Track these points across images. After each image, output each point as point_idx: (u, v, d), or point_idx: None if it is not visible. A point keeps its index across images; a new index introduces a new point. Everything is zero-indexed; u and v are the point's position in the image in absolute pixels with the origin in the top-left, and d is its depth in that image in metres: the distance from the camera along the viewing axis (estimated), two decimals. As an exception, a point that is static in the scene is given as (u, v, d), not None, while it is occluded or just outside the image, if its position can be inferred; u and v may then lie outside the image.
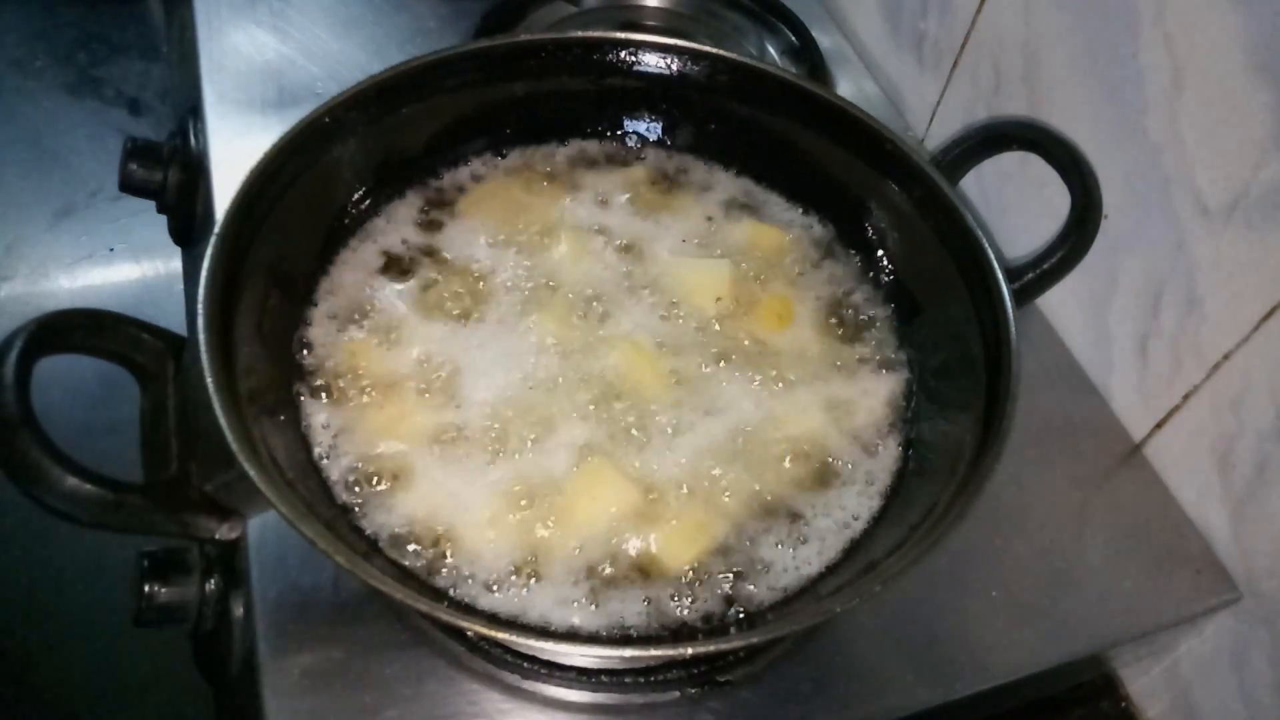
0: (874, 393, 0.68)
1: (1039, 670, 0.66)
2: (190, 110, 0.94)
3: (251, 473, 0.49)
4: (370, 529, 0.59)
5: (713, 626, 0.58)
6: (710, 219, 0.76)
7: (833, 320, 0.72)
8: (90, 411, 1.10)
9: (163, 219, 0.96)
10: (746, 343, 0.69)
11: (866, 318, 0.72)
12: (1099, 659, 0.74)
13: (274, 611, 0.62)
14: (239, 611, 0.64)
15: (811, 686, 0.63)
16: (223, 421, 0.50)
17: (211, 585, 0.66)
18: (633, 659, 0.60)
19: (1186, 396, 0.73)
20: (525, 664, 0.62)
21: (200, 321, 0.53)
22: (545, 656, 0.62)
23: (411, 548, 0.58)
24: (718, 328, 0.70)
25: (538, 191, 0.76)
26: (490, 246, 0.73)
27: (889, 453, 0.65)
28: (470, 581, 0.58)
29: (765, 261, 0.74)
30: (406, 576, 0.57)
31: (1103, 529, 0.73)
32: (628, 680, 0.62)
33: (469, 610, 0.56)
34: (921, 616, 0.67)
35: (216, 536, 0.55)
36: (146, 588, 0.63)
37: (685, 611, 0.58)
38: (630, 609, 0.58)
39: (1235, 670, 0.72)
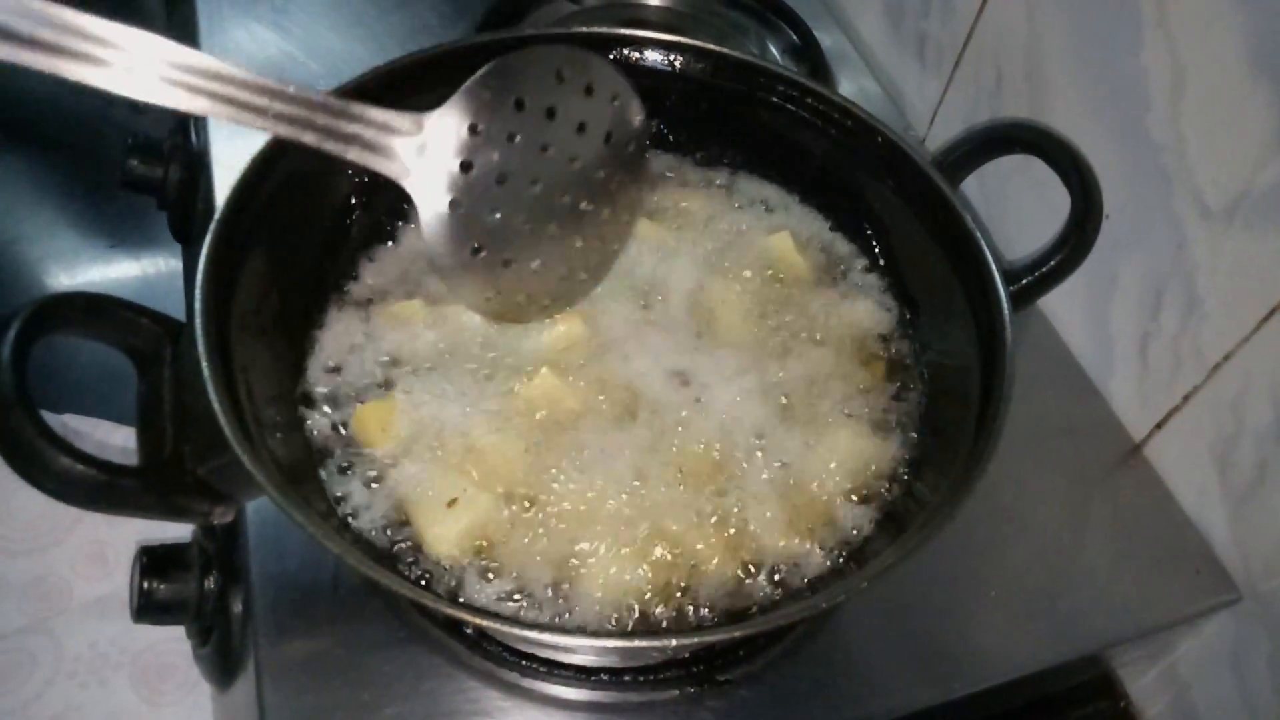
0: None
1: (1038, 670, 0.66)
2: (191, 106, 0.93)
3: (242, 455, 0.49)
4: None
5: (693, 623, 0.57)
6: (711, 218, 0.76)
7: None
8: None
9: (163, 216, 0.96)
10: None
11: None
12: (1098, 659, 0.74)
13: (273, 608, 0.62)
14: (238, 608, 0.64)
15: (810, 685, 0.63)
16: (215, 404, 0.50)
17: (210, 582, 0.66)
18: (625, 650, 0.59)
19: (1186, 397, 0.73)
20: (524, 662, 0.62)
21: (197, 305, 0.53)
22: (544, 655, 0.62)
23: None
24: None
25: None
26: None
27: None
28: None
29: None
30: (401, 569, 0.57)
31: (1102, 529, 0.73)
32: (627, 679, 0.62)
33: (463, 603, 0.56)
34: (920, 616, 0.67)
35: (210, 520, 0.55)
36: (145, 584, 0.63)
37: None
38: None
39: (1234, 670, 0.72)
